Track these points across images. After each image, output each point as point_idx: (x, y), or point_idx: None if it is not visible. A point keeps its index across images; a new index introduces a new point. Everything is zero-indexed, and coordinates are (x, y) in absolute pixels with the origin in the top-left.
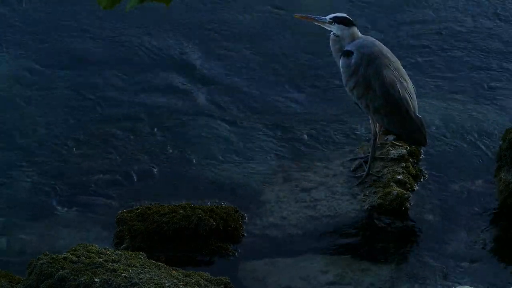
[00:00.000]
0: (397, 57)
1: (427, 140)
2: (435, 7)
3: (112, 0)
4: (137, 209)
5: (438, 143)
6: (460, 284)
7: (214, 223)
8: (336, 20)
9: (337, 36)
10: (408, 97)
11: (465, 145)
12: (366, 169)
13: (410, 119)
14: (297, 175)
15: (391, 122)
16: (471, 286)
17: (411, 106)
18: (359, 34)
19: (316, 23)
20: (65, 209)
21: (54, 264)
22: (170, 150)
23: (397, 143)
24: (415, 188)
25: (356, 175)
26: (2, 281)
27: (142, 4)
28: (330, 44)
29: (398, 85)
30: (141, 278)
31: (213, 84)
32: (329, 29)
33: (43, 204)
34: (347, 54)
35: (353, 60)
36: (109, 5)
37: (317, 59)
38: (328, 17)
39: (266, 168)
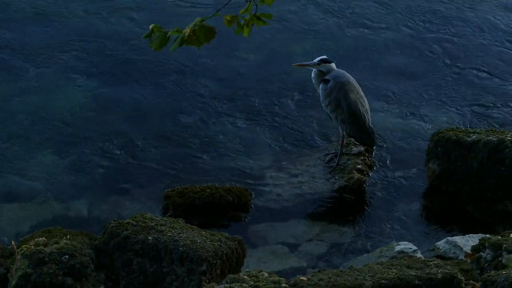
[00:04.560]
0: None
1: (375, 143)
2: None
3: (160, 44)
4: (178, 188)
5: (386, 143)
6: (401, 240)
7: (231, 198)
8: (322, 61)
9: (322, 71)
10: (365, 113)
11: (404, 145)
12: (336, 161)
13: (365, 129)
14: (288, 165)
15: (352, 130)
16: (408, 242)
17: (367, 119)
18: (335, 67)
19: (309, 67)
20: (128, 189)
21: (120, 227)
22: (198, 150)
23: (357, 143)
24: (369, 174)
25: (329, 165)
26: (85, 238)
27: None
28: (314, 76)
29: (359, 105)
30: (180, 236)
31: (228, 99)
32: (318, 68)
33: (113, 186)
34: (325, 81)
35: (329, 86)
36: (158, 48)
37: (305, 87)
38: (316, 60)
39: (267, 160)
